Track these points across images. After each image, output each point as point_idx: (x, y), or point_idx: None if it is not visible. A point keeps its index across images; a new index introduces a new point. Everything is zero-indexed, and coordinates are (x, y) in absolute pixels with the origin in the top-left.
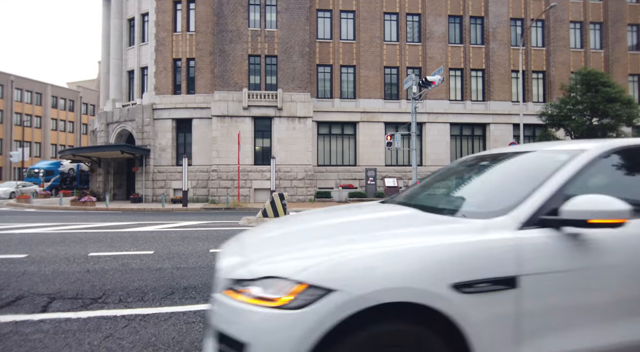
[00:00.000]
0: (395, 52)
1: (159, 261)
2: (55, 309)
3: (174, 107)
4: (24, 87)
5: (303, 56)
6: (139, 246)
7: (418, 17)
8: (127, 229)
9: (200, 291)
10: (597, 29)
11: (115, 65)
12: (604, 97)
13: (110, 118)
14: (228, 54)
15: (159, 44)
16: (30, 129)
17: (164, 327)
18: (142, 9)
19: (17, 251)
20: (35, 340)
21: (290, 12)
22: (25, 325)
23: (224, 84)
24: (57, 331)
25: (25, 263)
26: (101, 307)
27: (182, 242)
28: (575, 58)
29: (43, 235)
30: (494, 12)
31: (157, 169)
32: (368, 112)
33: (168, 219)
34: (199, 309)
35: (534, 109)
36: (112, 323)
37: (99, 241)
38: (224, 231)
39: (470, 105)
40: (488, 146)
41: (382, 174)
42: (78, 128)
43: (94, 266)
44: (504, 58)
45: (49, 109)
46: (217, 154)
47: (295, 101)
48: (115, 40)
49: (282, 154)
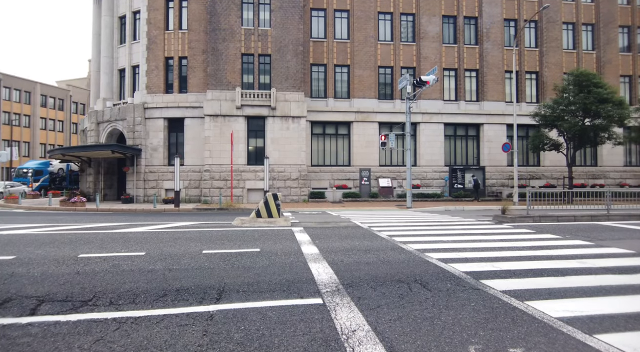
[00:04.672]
0: (390, 51)
1: (150, 262)
2: (44, 312)
3: (165, 106)
4: (13, 85)
5: (297, 55)
6: (130, 247)
7: (412, 17)
8: (118, 229)
9: (193, 292)
10: (589, 31)
11: (106, 64)
12: (596, 97)
13: (101, 117)
14: (221, 52)
15: (151, 42)
16: (18, 128)
17: (156, 330)
18: (133, 6)
19: (4, 252)
20: (23, 344)
21: (284, 11)
22: (13, 328)
23: (217, 83)
24: (46, 335)
25: (13, 265)
26: (91, 310)
27: (174, 243)
28: (567, 59)
29: (32, 236)
30: (488, 13)
31: (149, 169)
32: (362, 112)
33: (160, 220)
34: (192, 312)
35: (528, 110)
36: (103, 326)
37: (89, 242)
38: (217, 231)
39: (464, 106)
40: (482, 146)
41: (376, 174)
42: (68, 127)
43: (84, 267)
44: (498, 58)
45: (38, 107)
46: (209, 153)
47: (289, 101)
48: (106, 38)
49: (276, 154)
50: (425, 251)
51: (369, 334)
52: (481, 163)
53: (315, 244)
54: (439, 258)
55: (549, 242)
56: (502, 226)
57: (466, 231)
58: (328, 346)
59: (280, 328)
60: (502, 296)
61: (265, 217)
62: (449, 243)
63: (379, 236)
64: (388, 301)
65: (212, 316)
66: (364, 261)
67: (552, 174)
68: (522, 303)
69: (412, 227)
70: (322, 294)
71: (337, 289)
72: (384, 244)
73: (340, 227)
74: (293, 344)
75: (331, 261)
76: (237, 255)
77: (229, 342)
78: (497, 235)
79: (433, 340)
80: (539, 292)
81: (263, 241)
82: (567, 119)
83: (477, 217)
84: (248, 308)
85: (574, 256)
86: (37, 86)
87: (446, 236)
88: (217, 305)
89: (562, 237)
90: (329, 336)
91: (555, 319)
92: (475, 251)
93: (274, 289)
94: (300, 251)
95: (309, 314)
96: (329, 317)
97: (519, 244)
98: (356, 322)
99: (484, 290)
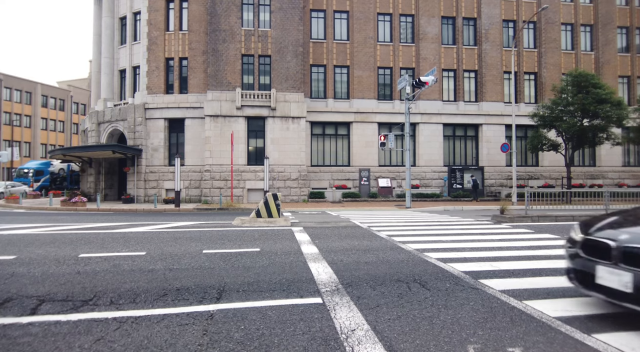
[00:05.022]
0: (389, 52)
1: (151, 262)
2: (44, 312)
3: (166, 107)
4: (13, 86)
5: (297, 56)
6: (130, 246)
7: (411, 18)
8: (118, 229)
9: (194, 292)
10: (587, 31)
11: (107, 64)
12: (594, 98)
13: (102, 117)
14: (221, 53)
15: (151, 43)
16: (19, 129)
17: (157, 329)
18: (134, 7)
19: (5, 252)
20: (23, 343)
21: (283, 12)
22: (14, 328)
23: (217, 83)
24: (47, 334)
25: (14, 264)
26: (92, 310)
27: (175, 243)
28: (566, 60)
29: (32, 236)
30: (487, 14)
31: (149, 169)
32: (361, 112)
33: (160, 220)
34: (192, 311)
35: (526, 110)
36: (104, 326)
37: (90, 242)
38: (217, 231)
39: (463, 106)
40: (481, 147)
41: (375, 174)
42: (68, 128)
43: (84, 267)
44: (497, 59)
45: (39, 108)
46: (210, 154)
47: (288, 101)
48: (106, 39)
49: (276, 154)
50: (424, 251)
51: (368, 333)
52: (480, 163)
53: (315, 243)
54: (438, 258)
55: (547, 242)
56: (500, 226)
57: (465, 231)
58: (327, 345)
59: (280, 327)
60: (500, 296)
61: (265, 217)
62: (447, 243)
63: (379, 235)
64: (387, 301)
65: (212, 315)
66: (364, 260)
67: (550, 174)
68: (520, 303)
69: (411, 227)
70: (322, 294)
71: (336, 288)
72: (384, 243)
73: (339, 227)
74: (293, 344)
75: (331, 261)
76: (237, 255)
77: (229, 342)
78: (495, 235)
79: (432, 339)
80: (538, 292)
81: (263, 241)
82: (566, 120)
83: (475, 217)
84: (248, 308)
85: None
86: (38, 87)
87: (445, 235)
88: (217, 304)
89: (560, 237)
90: (328, 335)
91: (553, 318)
92: (474, 250)
93: (274, 288)
94: (300, 251)
95: (309, 314)
96: (328, 316)
97: (518, 244)
98: (355, 322)
99: (483, 289)
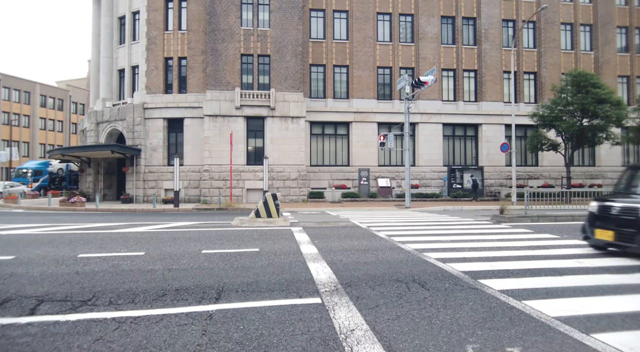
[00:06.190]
0: (388, 52)
1: (150, 262)
2: (43, 312)
3: (165, 107)
4: (12, 85)
5: (296, 56)
6: (129, 247)
7: (411, 18)
8: (117, 229)
9: (192, 292)
10: (587, 31)
11: (106, 64)
12: (594, 98)
13: (100, 117)
14: (220, 53)
15: (150, 43)
16: (18, 129)
17: (156, 329)
18: (133, 7)
19: (4, 252)
20: (22, 344)
21: (283, 12)
22: (12, 328)
23: (216, 83)
24: (45, 334)
25: (12, 265)
26: (91, 310)
27: (174, 243)
28: (565, 59)
29: (31, 236)
30: (486, 13)
31: (148, 169)
32: (361, 112)
33: (159, 220)
34: (191, 311)
35: (526, 110)
36: (102, 326)
37: (89, 242)
38: (216, 231)
39: (462, 106)
40: (480, 146)
41: (375, 174)
42: (67, 127)
43: (83, 267)
44: (496, 59)
45: (38, 108)
46: (209, 154)
47: (288, 101)
48: (105, 38)
49: (275, 154)
50: (423, 251)
51: (367, 333)
52: (479, 163)
53: (314, 243)
54: (437, 258)
55: (546, 242)
56: (500, 226)
57: (464, 231)
58: (327, 345)
59: (279, 328)
60: (499, 296)
61: (264, 217)
62: (447, 243)
63: (378, 235)
64: (386, 301)
65: (211, 315)
66: (363, 260)
67: (550, 174)
68: (519, 302)
69: (410, 227)
70: (321, 294)
71: (335, 288)
72: (383, 243)
73: (339, 227)
74: (292, 344)
75: (330, 261)
76: (236, 255)
77: (228, 342)
78: (495, 235)
79: (431, 339)
80: (537, 292)
81: (262, 241)
82: (565, 119)
83: (475, 217)
84: (247, 308)
85: (572, 256)
86: (36, 86)
87: (444, 235)
88: (216, 305)
89: (560, 237)
90: (327, 336)
91: (552, 318)
92: (474, 250)
93: (273, 288)
94: (299, 251)
95: (308, 314)
96: (327, 316)
97: (517, 244)
98: (355, 322)
99: (482, 289)
